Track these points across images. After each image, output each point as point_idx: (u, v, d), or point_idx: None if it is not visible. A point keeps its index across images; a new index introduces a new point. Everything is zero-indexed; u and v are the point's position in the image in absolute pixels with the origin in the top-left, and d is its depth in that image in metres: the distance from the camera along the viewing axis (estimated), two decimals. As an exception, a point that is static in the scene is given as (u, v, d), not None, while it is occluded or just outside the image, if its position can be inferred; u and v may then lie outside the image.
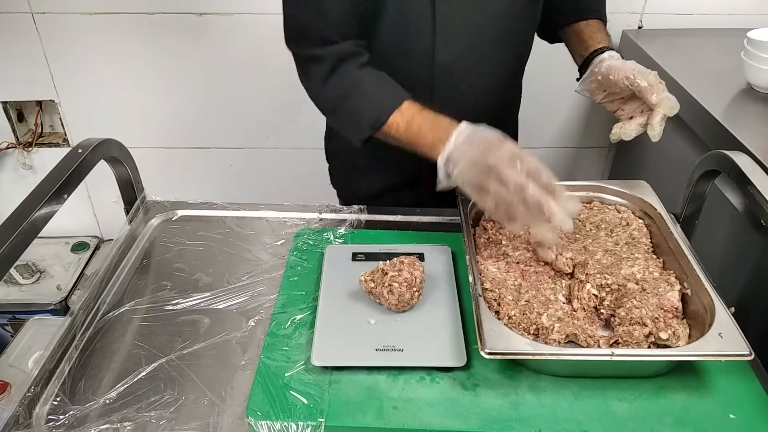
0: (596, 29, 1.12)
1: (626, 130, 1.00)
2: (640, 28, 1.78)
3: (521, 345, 0.74)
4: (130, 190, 1.11)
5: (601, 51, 1.06)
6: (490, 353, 0.72)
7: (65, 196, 0.88)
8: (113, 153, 1.03)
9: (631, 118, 1.02)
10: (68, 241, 2.14)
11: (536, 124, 1.98)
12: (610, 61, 1.03)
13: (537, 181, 0.80)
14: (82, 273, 2.02)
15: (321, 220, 1.12)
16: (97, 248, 2.15)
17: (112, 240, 2.18)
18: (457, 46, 1.03)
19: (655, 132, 0.97)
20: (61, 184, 0.87)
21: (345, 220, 1.10)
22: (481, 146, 0.85)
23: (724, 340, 0.74)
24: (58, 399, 0.78)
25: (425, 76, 1.05)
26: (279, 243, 1.07)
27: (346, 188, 1.36)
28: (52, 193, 0.85)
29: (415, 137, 0.95)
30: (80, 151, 0.95)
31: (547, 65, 1.32)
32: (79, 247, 2.12)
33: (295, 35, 1.00)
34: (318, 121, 1.93)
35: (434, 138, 0.92)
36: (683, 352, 0.75)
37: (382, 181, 1.26)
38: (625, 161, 1.93)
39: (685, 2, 1.75)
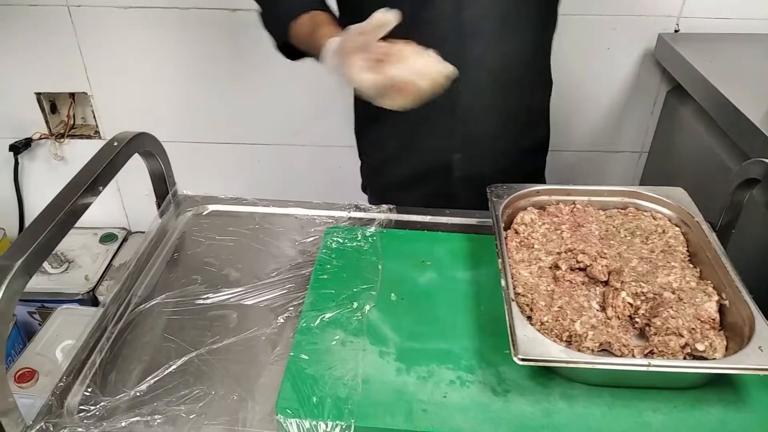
0: None
1: None
2: (676, 31, 1.75)
3: (556, 352, 0.73)
4: (162, 184, 1.12)
5: None
6: (523, 359, 0.71)
7: (101, 188, 0.89)
8: (147, 147, 1.04)
9: None
10: (97, 232, 2.16)
11: (566, 127, 1.95)
12: None
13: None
14: (109, 264, 2.04)
15: (350, 218, 1.12)
16: (125, 240, 2.16)
17: (140, 232, 2.21)
18: (482, 2, 1.04)
19: None
20: (97, 176, 0.88)
21: (374, 219, 1.10)
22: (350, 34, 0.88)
23: (765, 353, 0.72)
24: (89, 390, 0.79)
25: (454, 37, 1.06)
26: (308, 240, 1.07)
27: (375, 181, 1.36)
28: (88, 184, 0.86)
29: (307, 37, 1.02)
30: (115, 144, 0.96)
31: (578, 68, 1.30)
32: (107, 238, 2.14)
33: None
34: (346, 120, 1.94)
35: (321, 36, 0.97)
36: (723, 364, 0.73)
37: (412, 168, 1.26)
38: (657, 167, 1.90)
39: (724, 6, 1.71)
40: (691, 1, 1.71)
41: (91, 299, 1.94)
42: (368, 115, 1.25)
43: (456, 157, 1.20)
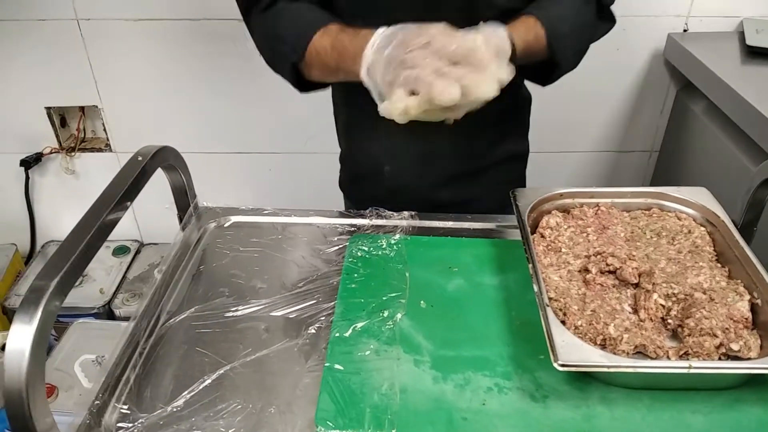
0: None
1: None
2: (685, 31, 1.75)
3: (596, 357, 0.73)
4: (184, 197, 1.12)
5: None
6: (563, 365, 0.71)
7: (128, 203, 0.89)
8: (170, 160, 1.04)
9: None
10: (109, 244, 2.16)
11: (575, 127, 1.96)
12: None
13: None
14: (124, 277, 2.04)
15: (372, 226, 1.12)
16: (137, 252, 2.16)
17: (152, 244, 2.21)
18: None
19: None
20: (124, 192, 0.88)
21: (397, 226, 1.10)
22: (398, 40, 0.75)
23: (803, 352, 0.72)
24: (125, 407, 0.79)
25: None
26: (331, 250, 1.07)
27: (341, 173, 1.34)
28: (116, 200, 0.86)
29: (340, 56, 0.85)
30: (140, 158, 0.95)
31: (587, 69, 1.29)
32: (120, 250, 2.14)
33: None
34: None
35: (355, 49, 0.81)
36: (765, 364, 0.73)
37: (355, 169, 1.25)
38: (668, 165, 1.91)
39: (733, 5, 1.72)
40: (699, 1, 1.72)
41: (106, 313, 1.93)
42: (342, 102, 1.23)
43: (386, 168, 1.18)
